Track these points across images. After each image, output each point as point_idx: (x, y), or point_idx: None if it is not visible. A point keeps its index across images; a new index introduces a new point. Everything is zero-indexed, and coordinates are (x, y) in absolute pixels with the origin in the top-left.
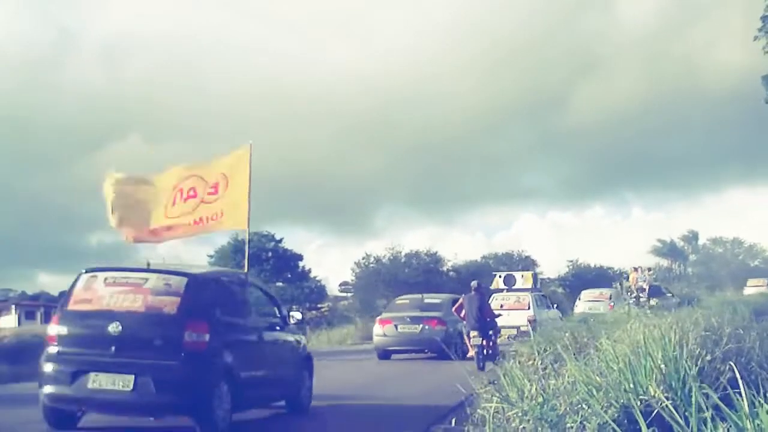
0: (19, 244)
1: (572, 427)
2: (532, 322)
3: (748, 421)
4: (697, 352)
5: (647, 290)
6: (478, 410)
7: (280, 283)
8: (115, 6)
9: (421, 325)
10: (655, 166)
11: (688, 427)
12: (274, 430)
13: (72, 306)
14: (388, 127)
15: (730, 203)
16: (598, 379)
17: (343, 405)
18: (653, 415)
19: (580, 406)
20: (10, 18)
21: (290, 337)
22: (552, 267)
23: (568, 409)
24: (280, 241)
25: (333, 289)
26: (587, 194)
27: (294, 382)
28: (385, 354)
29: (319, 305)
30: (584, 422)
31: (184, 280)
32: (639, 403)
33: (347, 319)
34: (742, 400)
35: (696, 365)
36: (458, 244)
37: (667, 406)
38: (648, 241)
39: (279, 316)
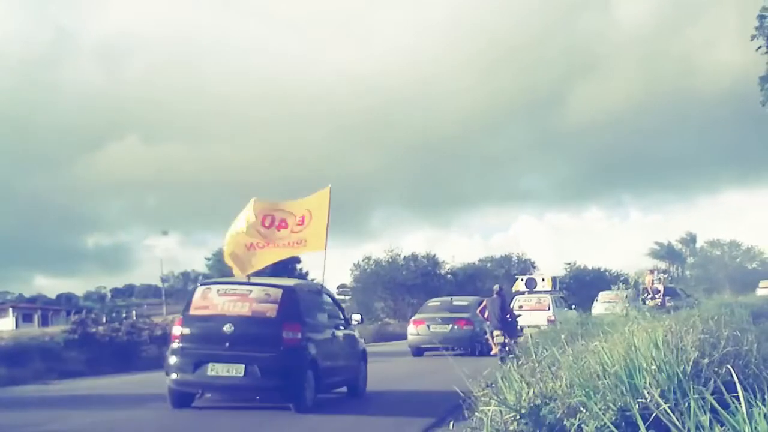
0: (16, 245)
1: (570, 430)
2: (552, 321)
3: (745, 424)
4: (695, 354)
5: (662, 291)
6: (476, 413)
7: None
8: (114, 6)
9: (450, 325)
10: (652, 168)
11: (686, 430)
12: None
13: (192, 311)
14: (385, 128)
15: (727, 205)
16: (596, 381)
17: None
18: (651, 418)
19: (577, 408)
20: (8, 18)
21: (352, 335)
22: (550, 269)
23: (565, 411)
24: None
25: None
26: (584, 196)
27: (354, 371)
28: (418, 351)
29: None
30: (582, 425)
31: (280, 290)
32: (637, 405)
33: None
34: (740, 403)
35: (693, 368)
36: (456, 247)
37: (664, 409)
38: (645, 243)
39: (343, 318)
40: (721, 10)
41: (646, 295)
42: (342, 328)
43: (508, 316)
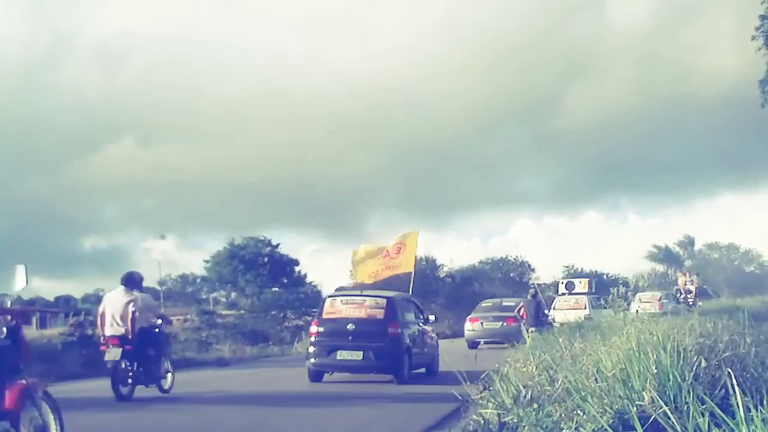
0: (11, 248)
1: None
2: (588, 319)
3: (744, 427)
4: (693, 358)
5: (694, 292)
6: (474, 416)
7: (276, 288)
8: (111, 7)
9: (500, 322)
10: (649, 171)
11: None
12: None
13: (324, 315)
14: (384, 129)
15: (723, 208)
16: (593, 384)
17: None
18: (649, 421)
19: (575, 412)
20: (4, 19)
21: (429, 329)
22: (548, 272)
23: (563, 415)
24: (277, 246)
25: (328, 293)
26: (582, 199)
27: (431, 356)
28: (474, 344)
29: (314, 310)
30: (579, 428)
31: (385, 300)
32: (634, 409)
33: None
34: (738, 407)
35: (692, 371)
36: (453, 249)
37: (662, 412)
38: (642, 246)
39: (423, 318)
40: (717, 13)
41: (680, 295)
42: (422, 325)
43: (541, 315)
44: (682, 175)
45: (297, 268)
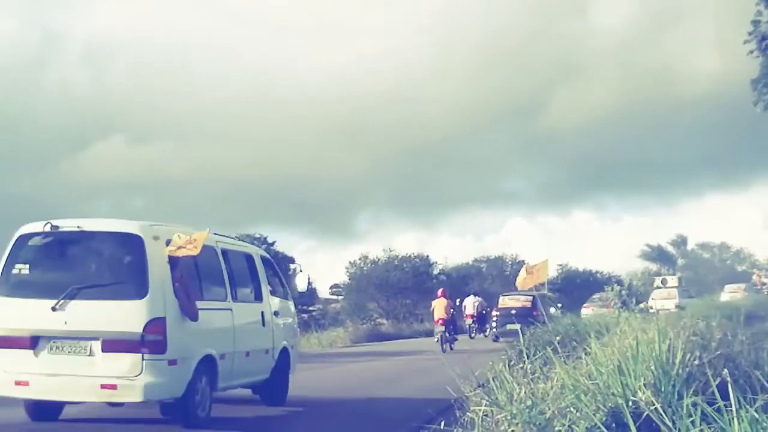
0: (2, 246)
1: (561, 431)
2: (679, 306)
3: (736, 424)
4: (686, 356)
5: None
6: (468, 413)
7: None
8: (100, 7)
9: (605, 309)
10: (635, 171)
11: (677, 430)
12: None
13: (499, 306)
14: (372, 131)
15: (710, 208)
16: (587, 382)
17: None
18: (642, 418)
19: (568, 409)
20: None
21: (553, 311)
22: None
23: (556, 412)
24: (272, 244)
25: (322, 291)
26: (570, 198)
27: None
28: None
29: (309, 308)
30: (572, 425)
31: (531, 297)
32: (628, 406)
33: (338, 321)
34: (730, 404)
35: (685, 369)
36: (447, 248)
37: (655, 409)
38: (631, 246)
39: (556, 306)
40: (699, 17)
41: (760, 286)
42: (556, 309)
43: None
44: (668, 175)
45: (292, 266)
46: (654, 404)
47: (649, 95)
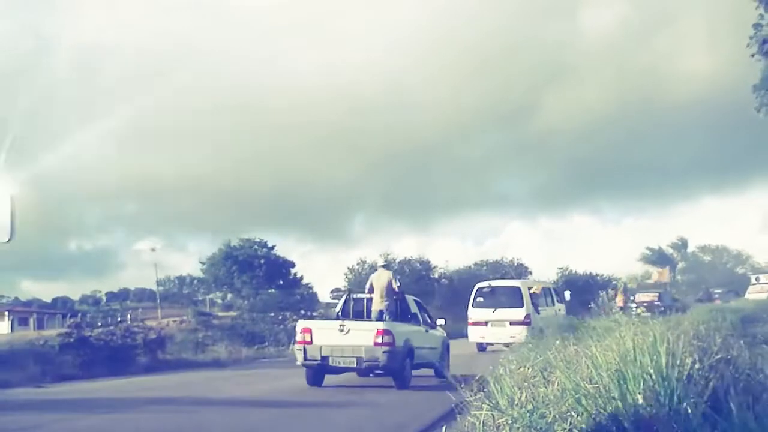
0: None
1: None
2: None
3: (736, 428)
4: (687, 360)
5: None
6: (468, 417)
7: (272, 290)
8: (91, 13)
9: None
10: (629, 173)
11: None
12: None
13: (636, 300)
14: (366, 136)
15: (706, 211)
16: (587, 386)
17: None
18: (643, 423)
19: (569, 413)
20: None
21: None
22: (542, 274)
23: (557, 416)
24: (273, 248)
25: (322, 295)
26: (565, 201)
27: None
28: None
29: (311, 312)
30: (573, 429)
31: (657, 293)
32: (628, 410)
33: None
34: (731, 408)
35: (685, 373)
36: (446, 252)
37: (655, 413)
38: (634, 249)
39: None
40: (689, 19)
41: None
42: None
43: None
44: (664, 177)
45: (293, 270)
46: (654, 408)
47: (644, 97)
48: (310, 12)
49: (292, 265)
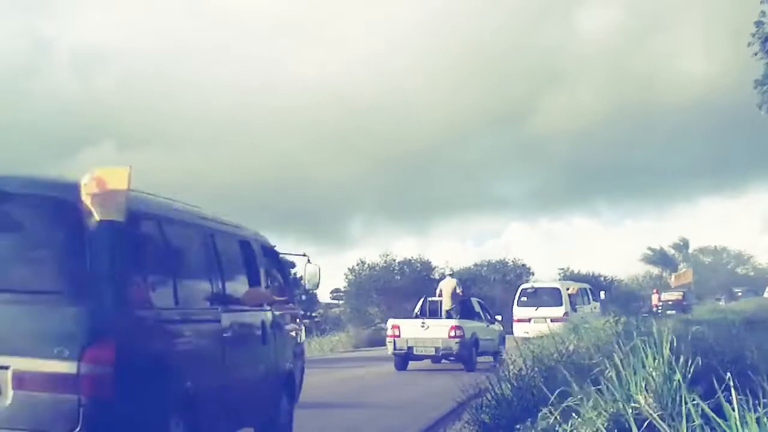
0: None
1: None
2: None
3: (738, 429)
4: (689, 361)
5: None
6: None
7: None
8: (89, 14)
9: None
10: (627, 175)
11: None
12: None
13: (662, 299)
14: (362, 137)
15: (705, 212)
16: (589, 387)
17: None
18: (645, 424)
19: (571, 414)
20: None
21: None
22: (544, 275)
23: (558, 417)
24: (274, 247)
25: (322, 295)
26: (563, 204)
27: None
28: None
29: (311, 313)
30: (575, 431)
31: (682, 293)
32: (630, 411)
33: (339, 326)
34: (733, 409)
35: (687, 374)
36: (447, 253)
37: (658, 414)
38: (633, 250)
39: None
40: (685, 21)
41: None
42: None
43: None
44: (663, 179)
45: (293, 271)
46: (656, 409)
47: (642, 99)
48: (310, 12)
49: (292, 265)
